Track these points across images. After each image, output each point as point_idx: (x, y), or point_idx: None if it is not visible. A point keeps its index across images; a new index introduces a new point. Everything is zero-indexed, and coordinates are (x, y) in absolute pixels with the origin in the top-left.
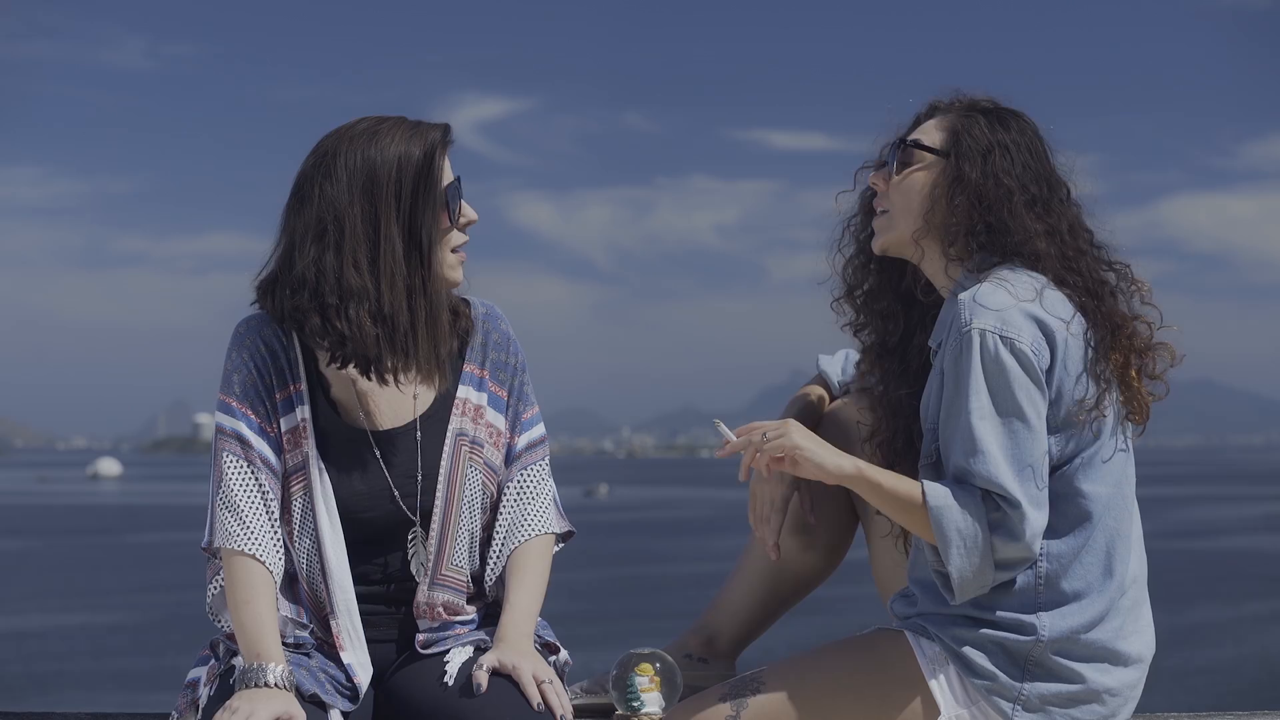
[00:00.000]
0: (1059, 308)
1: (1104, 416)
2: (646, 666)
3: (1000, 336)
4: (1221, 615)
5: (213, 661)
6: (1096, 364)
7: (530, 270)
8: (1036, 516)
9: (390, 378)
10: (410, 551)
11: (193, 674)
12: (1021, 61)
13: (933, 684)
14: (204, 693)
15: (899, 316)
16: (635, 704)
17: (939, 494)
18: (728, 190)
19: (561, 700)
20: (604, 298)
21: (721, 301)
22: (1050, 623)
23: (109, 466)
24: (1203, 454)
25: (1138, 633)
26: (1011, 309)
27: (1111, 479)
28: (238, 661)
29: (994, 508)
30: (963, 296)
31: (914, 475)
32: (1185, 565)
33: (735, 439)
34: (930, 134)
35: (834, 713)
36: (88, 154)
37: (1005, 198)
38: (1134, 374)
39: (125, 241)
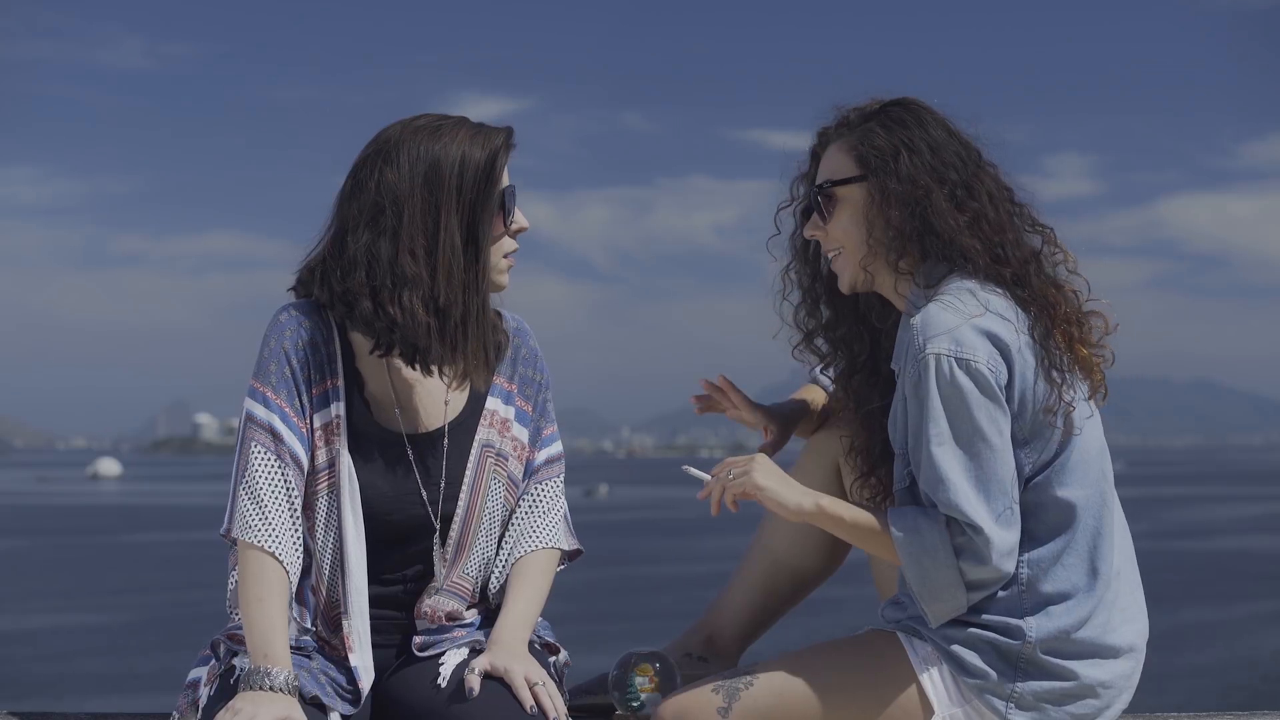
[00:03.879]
0: (1004, 310)
1: (1072, 408)
2: (646, 667)
3: (955, 359)
4: (1220, 616)
5: (213, 662)
6: (1048, 355)
7: (529, 270)
8: (1003, 536)
9: (435, 369)
10: (434, 557)
11: (193, 674)
12: (1022, 61)
13: (926, 683)
14: (204, 693)
15: (864, 338)
16: (635, 704)
17: (902, 524)
18: (727, 190)
19: (555, 702)
20: (603, 298)
21: (721, 301)
22: (1037, 625)
23: (109, 466)
24: (1202, 454)
25: (1128, 622)
26: (963, 327)
27: (1090, 479)
28: (238, 662)
29: (959, 532)
30: (914, 321)
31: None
32: (1184, 566)
33: (709, 478)
34: (839, 164)
35: (827, 712)
36: (87, 154)
37: (925, 197)
38: (1078, 347)
39: (124, 241)
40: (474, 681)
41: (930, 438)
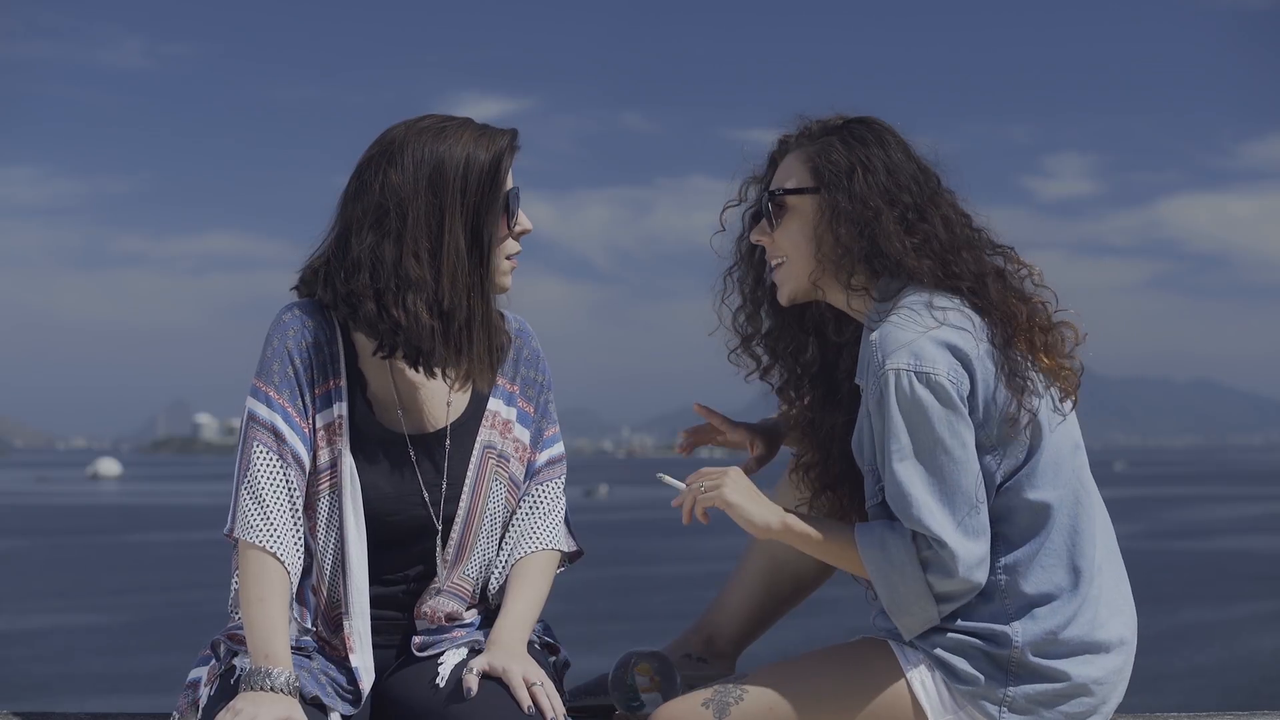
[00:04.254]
0: (961, 321)
1: (1035, 415)
2: (646, 667)
3: (915, 373)
4: (1219, 616)
5: (213, 662)
6: (1009, 361)
7: (529, 271)
8: (969, 549)
9: (439, 372)
10: (436, 558)
11: (193, 674)
12: (1022, 61)
13: (918, 690)
14: (204, 693)
15: (809, 350)
16: (635, 704)
17: (868, 540)
18: (727, 190)
19: (553, 702)
20: (603, 298)
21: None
22: (1023, 629)
23: (109, 466)
24: (1202, 454)
25: (1115, 615)
26: (921, 340)
27: (1062, 479)
28: (238, 662)
29: (925, 546)
30: (873, 338)
31: (853, 500)
32: (1183, 566)
33: (683, 487)
34: (793, 174)
35: None
36: (87, 154)
37: (874, 219)
38: (1042, 355)
39: (124, 241)
40: (472, 681)
41: (892, 453)
